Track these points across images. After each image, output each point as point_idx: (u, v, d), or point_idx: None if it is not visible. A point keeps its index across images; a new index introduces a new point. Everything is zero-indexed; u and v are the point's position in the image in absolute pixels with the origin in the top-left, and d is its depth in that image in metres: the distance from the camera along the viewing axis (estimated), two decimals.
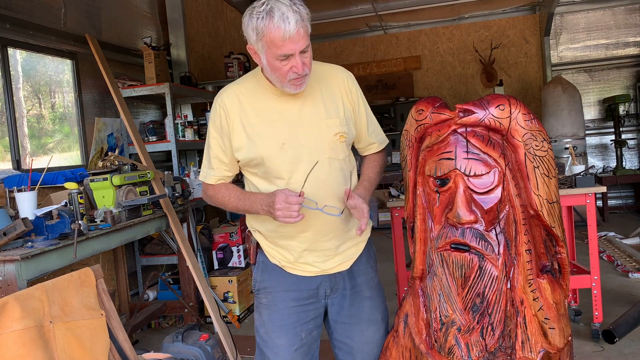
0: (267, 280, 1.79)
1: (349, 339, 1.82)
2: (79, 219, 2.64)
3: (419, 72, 8.52)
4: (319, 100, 1.72)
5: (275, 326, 1.77)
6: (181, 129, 4.50)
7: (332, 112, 1.72)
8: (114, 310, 2.25)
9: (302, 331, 1.77)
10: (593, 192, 3.10)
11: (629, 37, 7.75)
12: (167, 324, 4.08)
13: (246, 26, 1.59)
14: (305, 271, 1.76)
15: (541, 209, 1.50)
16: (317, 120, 1.70)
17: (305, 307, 1.77)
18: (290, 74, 1.59)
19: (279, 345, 1.76)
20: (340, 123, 1.72)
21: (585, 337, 3.23)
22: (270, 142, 1.67)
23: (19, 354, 1.79)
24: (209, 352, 2.70)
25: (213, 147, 1.75)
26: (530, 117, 1.50)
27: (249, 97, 1.71)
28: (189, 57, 5.29)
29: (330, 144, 1.70)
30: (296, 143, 1.68)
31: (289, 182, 1.68)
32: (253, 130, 1.68)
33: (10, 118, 3.29)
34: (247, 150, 1.69)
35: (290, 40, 1.53)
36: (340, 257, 1.77)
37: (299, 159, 1.67)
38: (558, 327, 1.51)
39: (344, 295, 1.80)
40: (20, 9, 3.39)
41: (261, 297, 1.81)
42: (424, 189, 1.62)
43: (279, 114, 1.69)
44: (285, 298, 1.76)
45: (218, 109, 1.72)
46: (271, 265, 1.79)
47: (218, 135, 1.73)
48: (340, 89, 1.77)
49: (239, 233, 4.39)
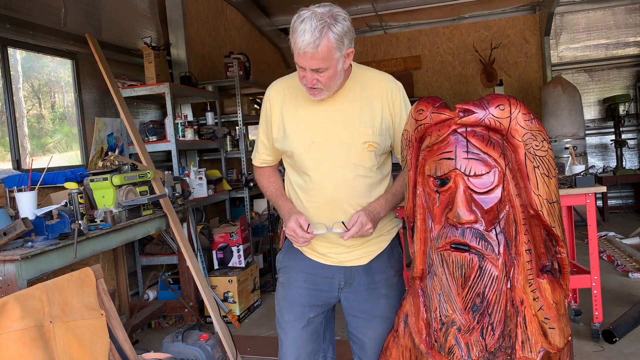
0: (287, 260, 1.89)
1: (361, 334, 1.86)
2: (79, 219, 2.64)
3: (419, 72, 8.52)
4: (357, 107, 1.74)
5: (286, 303, 1.86)
6: (181, 129, 4.51)
7: (367, 121, 1.74)
8: (114, 310, 2.25)
9: (311, 312, 1.83)
10: (593, 192, 3.10)
11: (629, 37, 7.75)
12: (167, 324, 4.08)
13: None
14: (323, 258, 1.82)
15: (541, 209, 1.50)
16: (350, 125, 1.73)
17: (316, 292, 1.83)
18: (304, 81, 1.66)
19: (287, 322, 1.85)
20: (373, 132, 1.73)
21: (585, 337, 3.23)
22: (300, 139, 1.75)
23: (19, 354, 1.79)
24: (209, 352, 2.70)
25: (259, 132, 1.89)
26: (530, 117, 1.50)
27: (293, 93, 1.79)
28: (189, 57, 5.29)
29: (357, 151, 1.73)
30: (324, 144, 1.73)
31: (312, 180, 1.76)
32: (288, 125, 1.78)
33: (10, 118, 3.29)
34: (281, 142, 1.80)
35: (302, 55, 1.59)
36: (360, 251, 1.81)
37: (324, 160, 1.73)
38: (558, 327, 1.51)
39: (358, 291, 1.83)
40: (20, 9, 3.39)
41: (280, 275, 1.92)
42: (424, 189, 1.62)
43: (314, 113, 1.76)
44: (299, 278, 1.85)
45: (266, 99, 1.84)
46: (294, 249, 1.87)
47: (264, 122, 1.86)
48: (382, 98, 1.77)
49: (239, 233, 4.39)
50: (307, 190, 1.78)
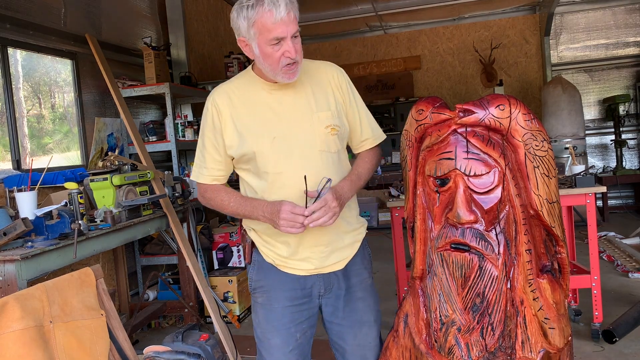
0: (262, 279, 1.79)
1: (342, 340, 1.82)
2: (79, 219, 2.64)
3: (418, 72, 8.52)
4: (310, 94, 1.73)
5: (270, 326, 1.77)
6: (181, 129, 4.51)
7: (323, 105, 1.72)
8: (114, 310, 2.25)
9: (297, 332, 1.77)
10: (593, 192, 3.10)
11: (629, 37, 7.74)
12: (167, 324, 4.08)
13: (236, 19, 1.62)
14: (300, 269, 1.74)
15: (541, 209, 1.50)
16: (308, 113, 1.70)
17: (299, 307, 1.76)
18: (283, 60, 1.60)
19: (273, 346, 1.77)
20: (332, 116, 1.72)
21: (585, 337, 3.23)
22: (261, 137, 1.68)
23: (19, 354, 1.79)
24: (209, 352, 2.70)
25: (207, 146, 1.75)
26: (530, 117, 1.50)
27: (240, 94, 1.72)
28: (189, 57, 5.29)
29: (321, 137, 1.70)
30: (287, 137, 1.68)
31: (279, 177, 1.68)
32: (244, 126, 1.70)
33: (10, 118, 3.29)
34: (239, 146, 1.70)
35: (282, 22, 1.56)
36: (335, 256, 1.76)
37: (290, 153, 1.68)
38: (558, 327, 1.51)
39: (337, 296, 1.79)
40: (20, 9, 3.39)
41: (257, 296, 1.81)
42: (424, 189, 1.62)
43: (270, 108, 1.70)
44: (280, 297, 1.76)
45: (210, 108, 1.73)
46: (266, 264, 1.78)
47: (211, 134, 1.73)
48: (330, 83, 1.77)
49: (239, 233, 4.39)
50: (276, 189, 1.69)
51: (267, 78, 1.70)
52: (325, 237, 1.72)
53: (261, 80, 1.71)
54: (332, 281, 1.77)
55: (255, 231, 1.80)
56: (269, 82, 1.70)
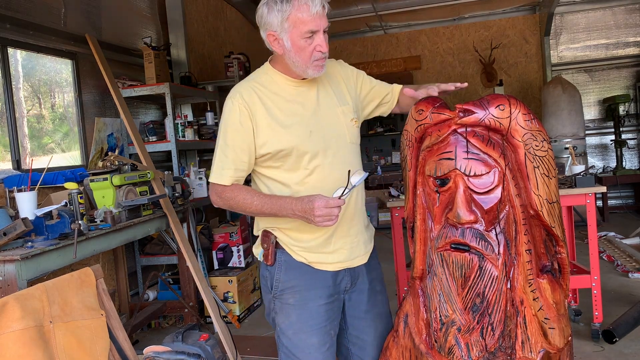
0: (292, 279, 1.75)
1: (365, 334, 1.84)
2: (79, 219, 2.64)
3: (419, 72, 8.52)
4: (329, 89, 1.79)
5: (306, 326, 1.73)
6: (181, 129, 4.50)
7: (343, 100, 1.80)
8: (114, 310, 2.25)
9: (331, 329, 1.78)
10: (593, 192, 3.10)
11: (629, 37, 7.74)
12: (167, 324, 4.08)
13: (266, 14, 1.65)
14: (332, 263, 1.75)
15: (541, 209, 1.50)
16: (334, 108, 1.77)
17: (332, 305, 1.77)
18: (315, 54, 1.64)
19: (310, 346, 1.73)
20: (351, 109, 1.80)
21: (585, 337, 3.23)
22: (299, 131, 1.69)
23: (19, 354, 1.79)
24: (209, 352, 2.70)
25: (230, 145, 1.69)
26: (530, 117, 1.50)
27: (266, 91, 1.72)
28: (189, 57, 5.29)
29: (349, 129, 1.78)
30: (322, 130, 1.72)
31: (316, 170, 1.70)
32: (278, 122, 1.69)
33: (10, 118, 3.29)
34: (275, 142, 1.68)
35: (317, 15, 1.60)
36: (360, 249, 1.81)
37: (327, 146, 1.72)
38: (558, 327, 1.51)
39: (361, 290, 1.82)
40: (20, 9, 3.39)
41: (287, 297, 1.75)
42: (424, 189, 1.62)
43: (299, 103, 1.73)
44: (314, 296, 1.74)
45: (237, 106, 1.69)
46: (296, 263, 1.74)
47: (237, 133, 1.69)
48: (340, 77, 1.84)
49: (239, 233, 4.39)
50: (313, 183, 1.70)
51: (290, 74, 1.72)
52: (353, 228, 1.78)
53: (284, 76, 1.73)
54: (357, 275, 1.82)
55: (282, 230, 1.76)
56: (293, 77, 1.73)
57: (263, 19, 1.66)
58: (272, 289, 1.78)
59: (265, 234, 1.78)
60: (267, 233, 1.78)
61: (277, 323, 1.79)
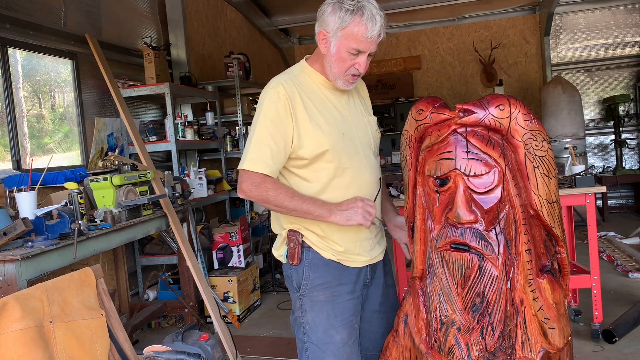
0: (321, 276, 1.75)
1: (377, 326, 1.89)
2: (79, 219, 2.64)
3: (418, 72, 8.52)
4: (357, 100, 1.88)
5: (337, 321, 1.75)
6: (181, 129, 4.51)
7: (368, 111, 1.92)
8: (114, 310, 2.25)
9: (356, 323, 1.81)
10: (593, 192, 3.10)
11: (629, 37, 7.74)
12: (167, 324, 4.08)
13: (328, 13, 1.68)
14: (358, 262, 1.79)
15: (541, 209, 1.50)
16: (361, 115, 1.85)
17: (357, 300, 1.82)
18: (352, 69, 1.70)
19: (338, 341, 1.75)
20: (376, 121, 1.92)
21: (585, 337, 3.23)
22: (335, 132, 1.71)
23: (19, 354, 1.79)
24: (209, 352, 2.70)
25: (273, 138, 1.65)
26: (530, 117, 1.50)
27: (306, 89, 1.74)
28: (189, 57, 5.29)
29: (374, 138, 1.87)
30: (352, 135, 1.77)
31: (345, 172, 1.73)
32: (318, 121, 1.69)
33: (10, 118, 3.29)
34: (314, 140, 1.67)
35: (371, 40, 1.67)
36: (379, 246, 1.87)
37: (356, 150, 1.77)
38: (558, 327, 1.51)
39: (377, 284, 1.88)
40: (20, 9, 3.39)
41: (318, 294, 1.75)
42: (423, 189, 1.62)
43: (334, 106, 1.77)
44: (342, 292, 1.77)
45: (281, 98, 1.66)
46: (325, 260, 1.75)
47: (275, 125, 1.65)
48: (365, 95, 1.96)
49: (239, 233, 4.39)
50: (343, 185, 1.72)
51: (326, 75, 1.76)
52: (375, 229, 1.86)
53: (322, 77, 1.77)
54: (375, 270, 1.87)
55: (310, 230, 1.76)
56: (329, 79, 1.77)
57: (324, 15, 1.70)
58: (299, 287, 1.77)
59: (292, 233, 1.76)
60: (293, 232, 1.76)
61: (305, 321, 1.78)
